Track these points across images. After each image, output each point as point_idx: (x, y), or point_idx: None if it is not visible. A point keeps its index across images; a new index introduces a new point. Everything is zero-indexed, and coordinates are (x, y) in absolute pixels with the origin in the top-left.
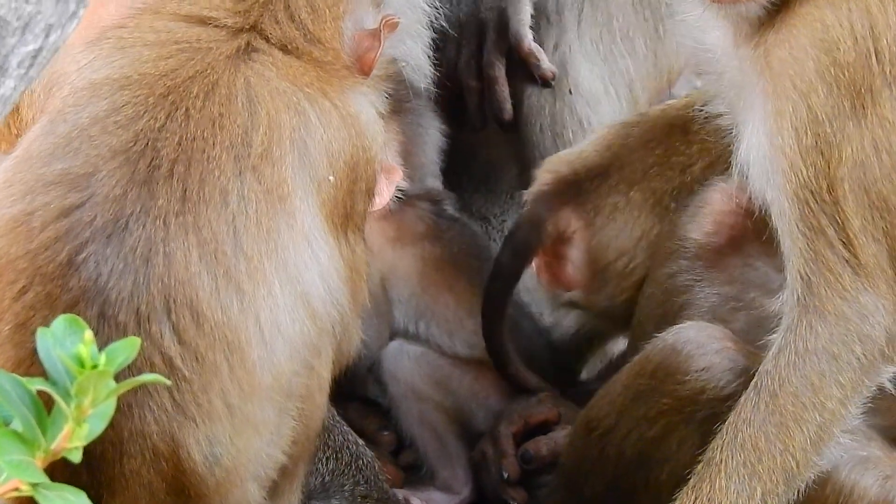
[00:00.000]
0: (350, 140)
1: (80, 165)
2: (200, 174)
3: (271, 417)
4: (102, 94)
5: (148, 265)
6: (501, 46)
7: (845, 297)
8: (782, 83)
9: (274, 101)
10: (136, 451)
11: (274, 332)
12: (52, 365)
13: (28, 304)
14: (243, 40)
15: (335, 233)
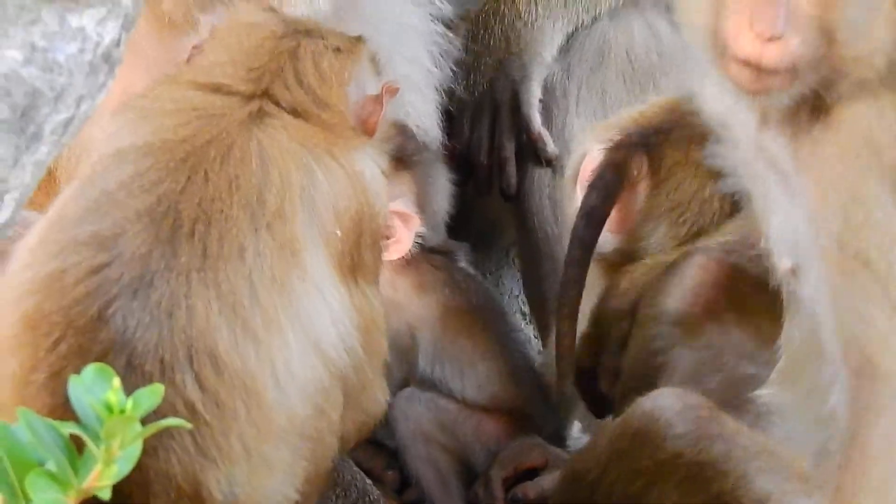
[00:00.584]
0: (355, 197)
1: (108, 227)
2: (219, 232)
3: (285, 458)
4: (128, 160)
5: (171, 318)
6: (512, 128)
7: None
8: (830, 176)
9: (285, 161)
10: (162, 490)
11: (288, 379)
12: (83, 410)
13: (61, 355)
14: (255, 105)
15: (345, 282)
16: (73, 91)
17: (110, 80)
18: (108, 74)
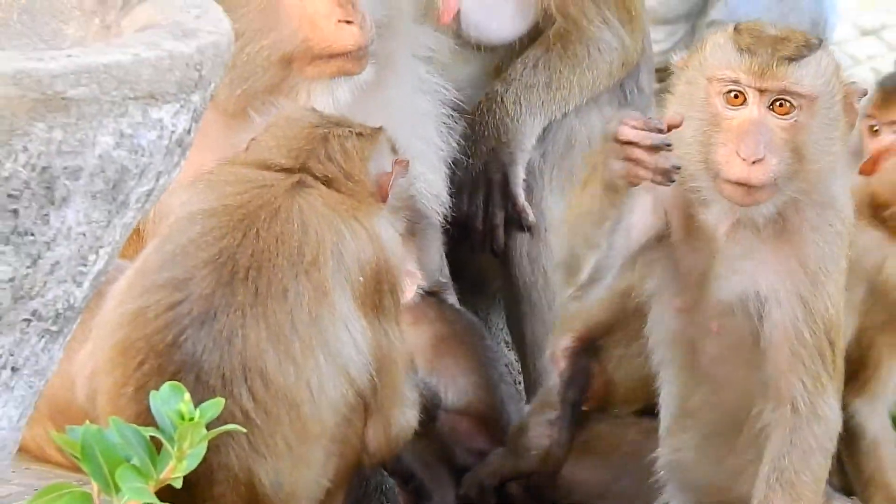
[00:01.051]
0: (374, 252)
1: (181, 273)
2: (268, 277)
3: (319, 455)
4: (196, 221)
5: (230, 344)
6: (502, 202)
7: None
8: (810, 257)
9: (319, 223)
10: (223, 479)
11: (321, 394)
12: (160, 418)
13: (145, 373)
14: (296, 178)
15: (369, 318)
16: (153, 169)
17: (182, 160)
18: (180, 156)
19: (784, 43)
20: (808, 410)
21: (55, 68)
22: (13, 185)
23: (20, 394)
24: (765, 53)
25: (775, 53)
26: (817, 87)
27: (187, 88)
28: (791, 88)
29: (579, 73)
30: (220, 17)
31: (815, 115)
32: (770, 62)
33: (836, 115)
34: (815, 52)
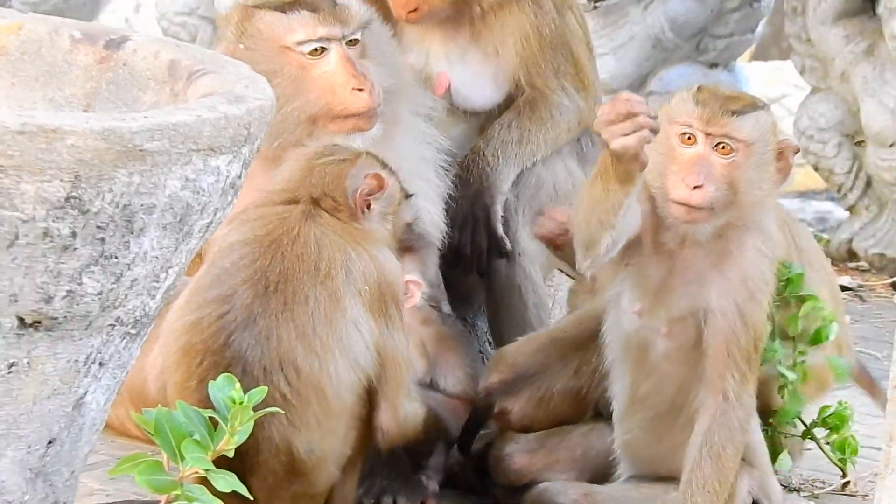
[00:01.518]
0: (374, 269)
1: (226, 290)
2: (293, 288)
3: (341, 429)
4: (235, 249)
5: (268, 342)
6: (484, 233)
7: (747, 393)
8: (747, 277)
9: (331, 246)
10: (266, 449)
11: (339, 380)
12: (216, 402)
13: (204, 369)
14: (307, 207)
15: (376, 320)
16: (212, 206)
17: (234, 199)
18: (233, 195)
19: (732, 100)
20: (735, 399)
21: (134, 126)
22: (101, 219)
23: (106, 383)
24: (714, 106)
25: (722, 107)
26: (753, 137)
27: (238, 142)
28: (731, 134)
29: (544, 131)
30: (265, 86)
31: (750, 158)
32: (717, 113)
33: (767, 161)
34: (756, 111)
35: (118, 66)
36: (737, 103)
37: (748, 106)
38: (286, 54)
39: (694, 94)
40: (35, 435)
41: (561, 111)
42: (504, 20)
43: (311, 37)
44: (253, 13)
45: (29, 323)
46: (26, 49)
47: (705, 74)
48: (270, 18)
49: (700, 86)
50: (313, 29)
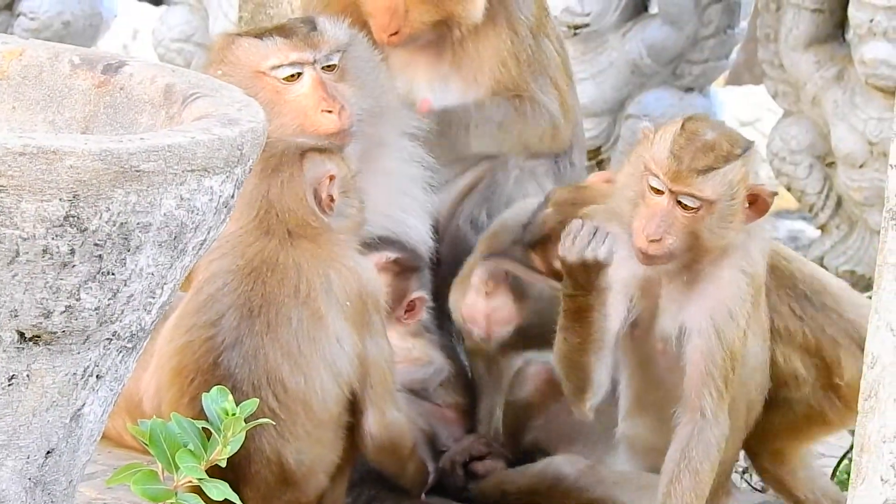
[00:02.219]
0: (354, 284)
1: (213, 315)
2: (276, 310)
3: (329, 437)
4: (219, 277)
5: (255, 361)
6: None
7: (724, 412)
8: (724, 297)
9: (309, 267)
10: (258, 460)
11: (325, 393)
12: (210, 414)
13: (196, 388)
14: (283, 235)
15: (359, 332)
16: (206, 224)
17: (228, 218)
18: (226, 214)
19: (705, 154)
20: (712, 416)
21: (131, 148)
22: (99, 237)
23: (103, 395)
24: (684, 162)
25: (691, 164)
26: (717, 194)
27: (232, 163)
28: (694, 194)
29: (522, 124)
30: (258, 109)
31: (714, 212)
32: (683, 170)
33: (733, 210)
34: (726, 167)
35: (116, 91)
36: (706, 158)
37: (722, 158)
38: (261, 79)
39: (674, 136)
40: (34, 445)
41: (541, 111)
42: (482, 46)
43: (284, 61)
44: (232, 40)
45: (29, 337)
46: (27, 74)
47: (681, 98)
48: (247, 45)
49: (686, 122)
50: (286, 54)
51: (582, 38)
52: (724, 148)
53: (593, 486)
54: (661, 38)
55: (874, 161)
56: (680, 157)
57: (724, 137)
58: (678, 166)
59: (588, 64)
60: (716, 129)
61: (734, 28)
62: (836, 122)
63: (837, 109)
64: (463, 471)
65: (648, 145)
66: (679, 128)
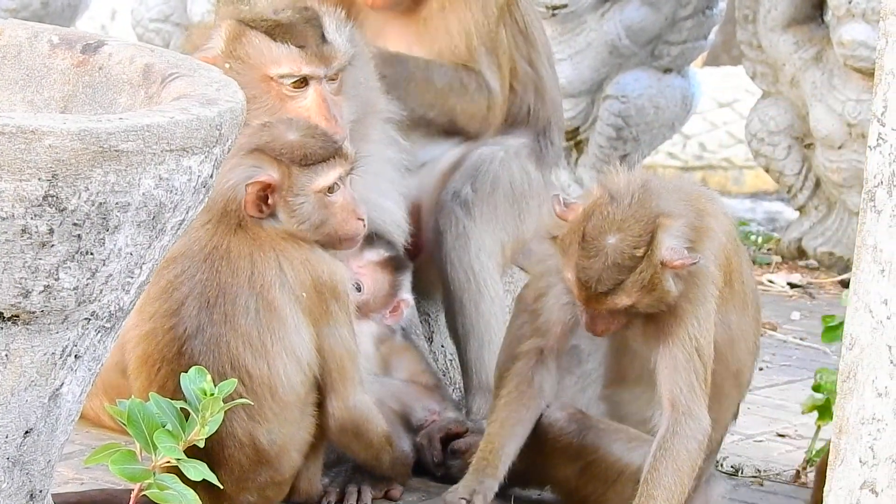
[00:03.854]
0: (307, 273)
1: (173, 304)
2: (233, 299)
3: (297, 417)
4: (177, 262)
5: (218, 349)
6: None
7: (702, 408)
8: (683, 314)
9: (262, 256)
10: (231, 444)
11: (289, 378)
12: (188, 394)
13: (162, 376)
14: (234, 223)
15: (316, 323)
16: (184, 204)
17: (206, 198)
18: (205, 194)
19: (608, 273)
20: (684, 409)
21: (110, 128)
22: (77, 217)
23: (81, 375)
24: (591, 286)
25: (598, 287)
26: (632, 298)
27: (210, 143)
28: (610, 308)
29: (460, 96)
30: (236, 89)
31: (638, 304)
32: (592, 295)
33: (658, 291)
34: (631, 275)
35: (94, 70)
36: (610, 278)
37: (623, 272)
38: (268, 83)
39: (576, 261)
40: (12, 425)
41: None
42: (449, 19)
43: (295, 73)
44: (244, 32)
45: (7, 317)
46: (6, 53)
47: (659, 79)
48: (259, 44)
49: (583, 237)
50: (298, 66)
51: (560, 19)
52: (626, 256)
53: (584, 432)
54: (639, 18)
55: (853, 142)
56: (587, 283)
57: (626, 241)
58: (587, 292)
59: (566, 45)
60: (618, 227)
61: (712, 9)
62: (814, 104)
63: (816, 91)
64: (442, 448)
65: (561, 251)
66: (580, 238)
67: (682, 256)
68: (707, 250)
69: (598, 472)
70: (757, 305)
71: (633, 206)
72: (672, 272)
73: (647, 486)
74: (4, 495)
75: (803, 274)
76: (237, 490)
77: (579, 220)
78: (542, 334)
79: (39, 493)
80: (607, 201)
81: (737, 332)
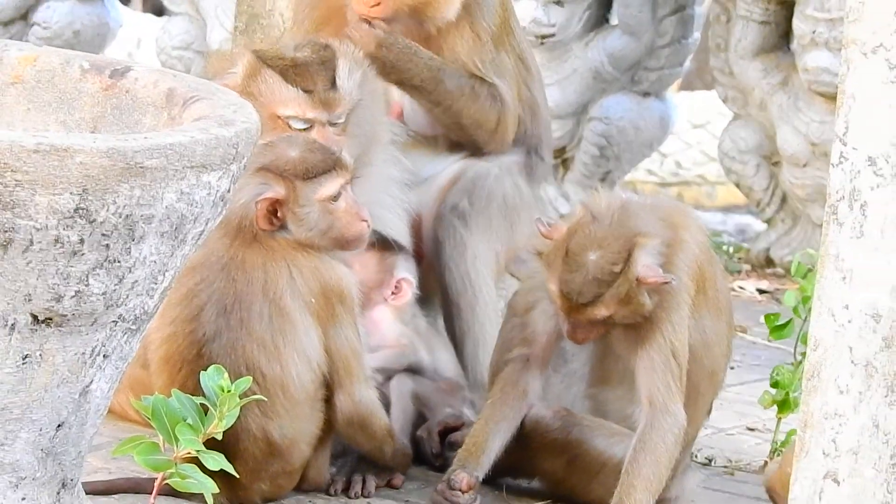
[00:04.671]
0: (316, 280)
1: (193, 310)
2: (248, 306)
3: (307, 413)
4: (197, 271)
5: (234, 352)
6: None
7: (678, 405)
8: (658, 321)
9: (274, 266)
10: (245, 438)
11: (300, 377)
12: (207, 390)
13: (183, 375)
14: (249, 235)
15: (324, 325)
16: (204, 216)
17: (224, 210)
18: (222, 207)
19: (589, 287)
20: (661, 406)
21: (136, 146)
22: (106, 228)
23: (109, 373)
24: (573, 298)
25: (579, 299)
26: (611, 308)
27: (228, 160)
28: (591, 319)
29: (470, 103)
30: (251, 111)
31: (616, 315)
32: (571, 305)
33: (634, 305)
34: (610, 289)
35: (122, 94)
36: (591, 291)
37: (603, 285)
38: (276, 120)
39: (559, 274)
40: (46, 419)
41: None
42: (446, 47)
43: (300, 115)
44: (260, 70)
45: (41, 319)
46: (41, 78)
47: (639, 103)
48: (272, 83)
49: (567, 253)
50: (304, 110)
51: (548, 48)
52: (605, 271)
53: (569, 428)
54: (620, 47)
55: (816, 160)
56: (569, 295)
57: (605, 258)
58: (569, 303)
59: (554, 71)
60: (598, 244)
61: (688, 38)
62: (781, 125)
63: (782, 113)
64: (440, 440)
65: (546, 266)
66: (564, 255)
67: (655, 275)
68: (680, 261)
69: (583, 464)
70: (730, 311)
71: (613, 226)
72: (646, 287)
73: (627, 476)
74: (39, 483)
75: (771, 281)
76: (251, 479)
77: (563, 237)
78: (529, 344)
79: (70, 482)
80: (589, 221)
81: (711, 336)
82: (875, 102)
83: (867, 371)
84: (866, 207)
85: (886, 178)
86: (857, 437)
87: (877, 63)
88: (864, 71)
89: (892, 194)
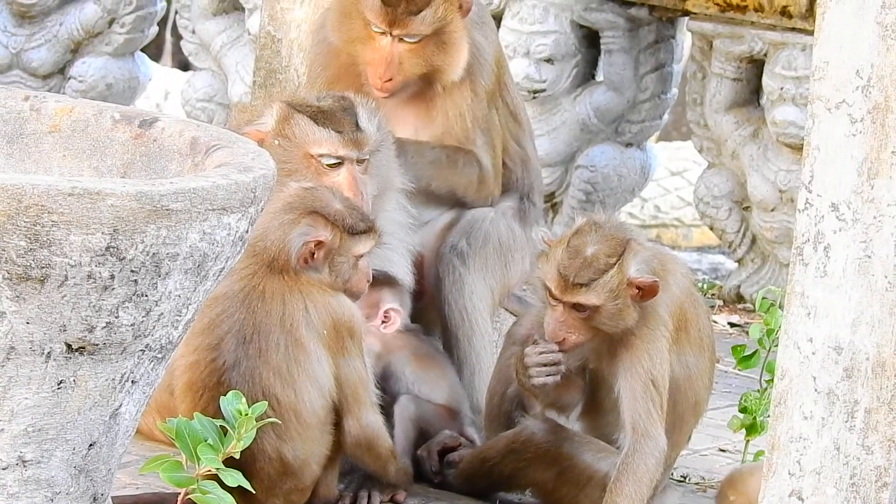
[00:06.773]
0: (328, 315)
1: (214, 339)
2: (266, 336)
3: (318, 436)
4: (219, 302)
5: (252, 380)
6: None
7: (658, 430)
8: (638, 352)
9: (291, 299)
10: (261, 458)
11: (312, 403)
12: (226, 413)
13: (204, 401)
14: (272, 268)
15: (335, 356)
16: (224, 255)
17: (243, 249)
18: (241, 246)
19: (585, 270)
20: (642, 431)
21: (162, 190)
22: (134, 265)
23: (137, 397)
24: (569, 278)
25: (575, 279)
26: (601, 298)
27: (246, 203)
28: (582, 302)
29: (449, 171)
30: (268, 159)
31: (603, 312)
32: (566, 285)
33: (622, 305)
34: (603, 276)
35: (150, 142)
36: (586, 273)
37: (598, 272)
38: (309, 160)
39: (559, 259)
40: (79, 439)
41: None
42: (449, 103)
43: (332, 153)
44: (292, 115)
45: (75, 348)
46: (76, 127)
47: (622, 152)
48: (304, 126)
49: (568, 244)
50: (335, 148)
51: (540, 101)
52: (601, 261)
53: (560, 443)
54: (605, 101)
55: (783, 206)
56: (566, 275)
57: (602, 250)
58: (564, 283)
59: (545, 122)
60: (597, 241)
61: (667, 93)
62: (751, 173)
63: (753, 162)
64: (439, 459)
65: (545, 260)
66: (565, 245)
67: (644, 276)
68: (661, 300)
69: (572, 476)
70: (712, 349)
71: (611, 230)
72: (633, 295)
73: (611, 494)
74: (72, 498)
75: (741, 315)
76: (266, 496)
77: (565, 236)
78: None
79: (101, 496)
80: (590, 225)
81: (694, 370)
82: (838, 153)
83: (829, 399)
84: (829, 249)
85: (848, 223)
86: (820, 459)
87: (840, 118)
88: (828, 125)
89: (852, 237)
